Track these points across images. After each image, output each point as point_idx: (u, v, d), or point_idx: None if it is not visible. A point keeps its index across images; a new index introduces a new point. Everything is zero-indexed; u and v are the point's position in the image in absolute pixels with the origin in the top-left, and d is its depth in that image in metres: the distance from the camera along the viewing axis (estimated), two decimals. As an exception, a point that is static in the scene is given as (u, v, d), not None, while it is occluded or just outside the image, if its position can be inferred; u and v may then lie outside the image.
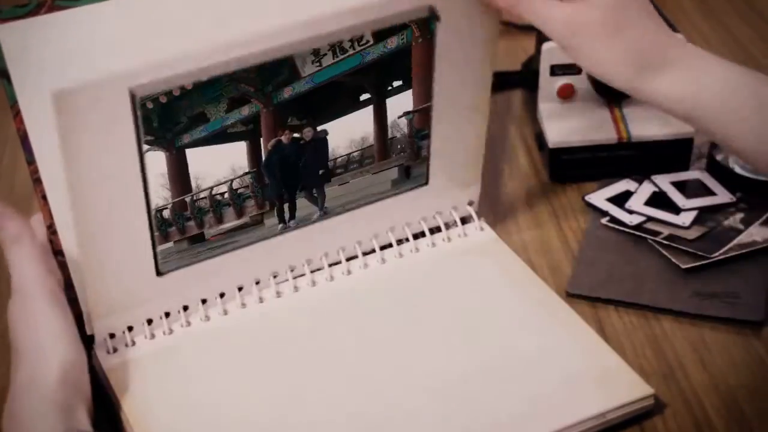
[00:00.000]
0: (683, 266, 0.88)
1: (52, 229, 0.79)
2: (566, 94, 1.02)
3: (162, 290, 0.81)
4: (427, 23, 0.82)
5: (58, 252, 0.79)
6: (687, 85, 0.75)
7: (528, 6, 0.77)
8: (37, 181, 0.77)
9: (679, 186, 0.98)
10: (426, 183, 0.90)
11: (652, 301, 0.86)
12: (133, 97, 0.73)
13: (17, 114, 0.76)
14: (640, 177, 1.00)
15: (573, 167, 1.01)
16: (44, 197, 0.78)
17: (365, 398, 0.76)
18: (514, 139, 1.09)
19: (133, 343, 0.80)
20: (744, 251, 0.90)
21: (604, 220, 0.95)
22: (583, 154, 1.00)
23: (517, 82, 1.17)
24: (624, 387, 0.75)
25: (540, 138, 1.04)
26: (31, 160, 0.77)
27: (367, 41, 0.81)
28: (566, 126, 1.01)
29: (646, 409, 0.76)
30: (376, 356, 0.79)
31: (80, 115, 0.71)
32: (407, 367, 0.78)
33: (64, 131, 0.71)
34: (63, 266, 0.79)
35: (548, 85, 1.02)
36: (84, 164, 0.74)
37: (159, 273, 0.81)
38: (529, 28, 1.28)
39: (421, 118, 0.87)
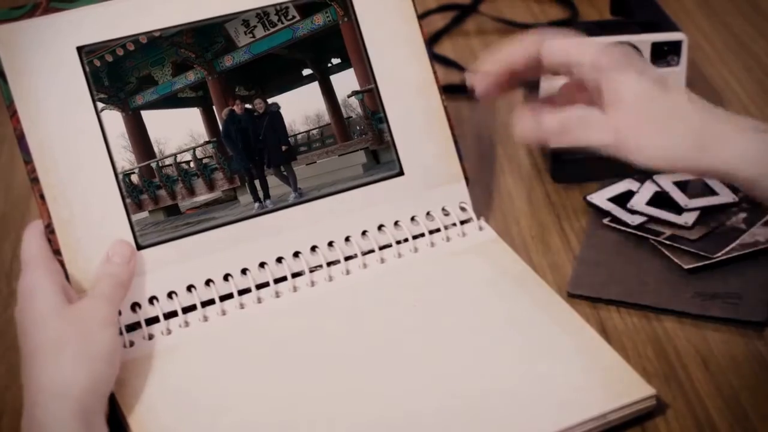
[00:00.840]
0: (685, 266, 0.88)
1: (50, 229, 0.80)
2: (568, 93, 1.02)
3: (145, 268, 0.82)
4: (344, 2, 0.90)
5: (57, 251, 0.79)
6: (747, 149, 0.73)
7: (574, 138, 0.78)
8: (35, 180, 0.78)
9: (682, 186, 0.98)
10: (401, 172, 0.91)
11: (654, 302, 0.86)
12: (79, 52, 0.82)
13: (14, 114, 0.77)
14: (642, 177, 1.00)
15: (574, 167, 1.01)
16: (42, 196, 0.78)
17: (365, 399, 0.76)
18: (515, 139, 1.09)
19: (131, 344, 0.80)
20: (747, 251, 0.89)
21: (605, 220, 0.95)
22: (584, 153, 1.00)
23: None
24: (625, 387, 0.75)
25: (541, 137, 1.04)
26: (28, 160, 0.78)
27: (294, 16, 0.89)
28: (568, 125, 1.01)
29: (648, 410, 0.76)
30: (376, 357, 0.80)
31: (35, 75, 0.80)
32: (408, 368, 0.78)
33: (22, 90, 0.80)
34: (63, 265, 0.79)
35: (550, 84, 1.02)
36: (47, 123, 0.80)
37: (139, 247, 0.82)
38: (529, 26, 1.29)
39: (371, 99, 0.91)
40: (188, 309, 0.83)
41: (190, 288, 0.83)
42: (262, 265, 0.86)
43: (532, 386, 0.76)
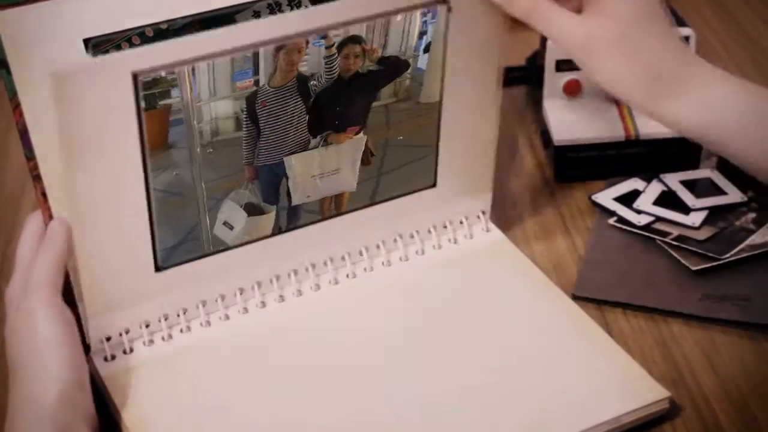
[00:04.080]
0: (693, 268, 0.89)
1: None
2: (572, 90, 1.03)
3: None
4: None
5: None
6: (698, 110, 0.76)
7: (543, 17, 0.77)
8: (37, 177, 0.77)
9: (689, 185, 0.99)
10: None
11: (661, 304, 0.87)
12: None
13: (17, 107, 0.76)
14: (649, 176, 1.01)
15: (579, 165, 1.02)
16: (44, 194, 0.78)
17: (376, 406, 0.76)
18: (518, 137, 1.10)
19: (131, 350, 0.81)
20: (756, 252, 0.90)
21: (611, 221, 0.96)
22: (589, 152, 1.01)
23: (521, 78, 1.17)
24: (640, 390, 0.77)
25: (545, 135, 1.05)
26: (30, 156, 0.77)
27: (306, 8, 0.84)
28: (572, 123, 1.02)
29: (661, 413, 0.77)
30: (385, 361, 0.80)
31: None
32: (420, 373, 0.79)
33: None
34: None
35: (554, 81, 1.03)
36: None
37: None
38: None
39: None
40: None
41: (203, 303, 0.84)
42: None
43: (548, 389, 0.77)
